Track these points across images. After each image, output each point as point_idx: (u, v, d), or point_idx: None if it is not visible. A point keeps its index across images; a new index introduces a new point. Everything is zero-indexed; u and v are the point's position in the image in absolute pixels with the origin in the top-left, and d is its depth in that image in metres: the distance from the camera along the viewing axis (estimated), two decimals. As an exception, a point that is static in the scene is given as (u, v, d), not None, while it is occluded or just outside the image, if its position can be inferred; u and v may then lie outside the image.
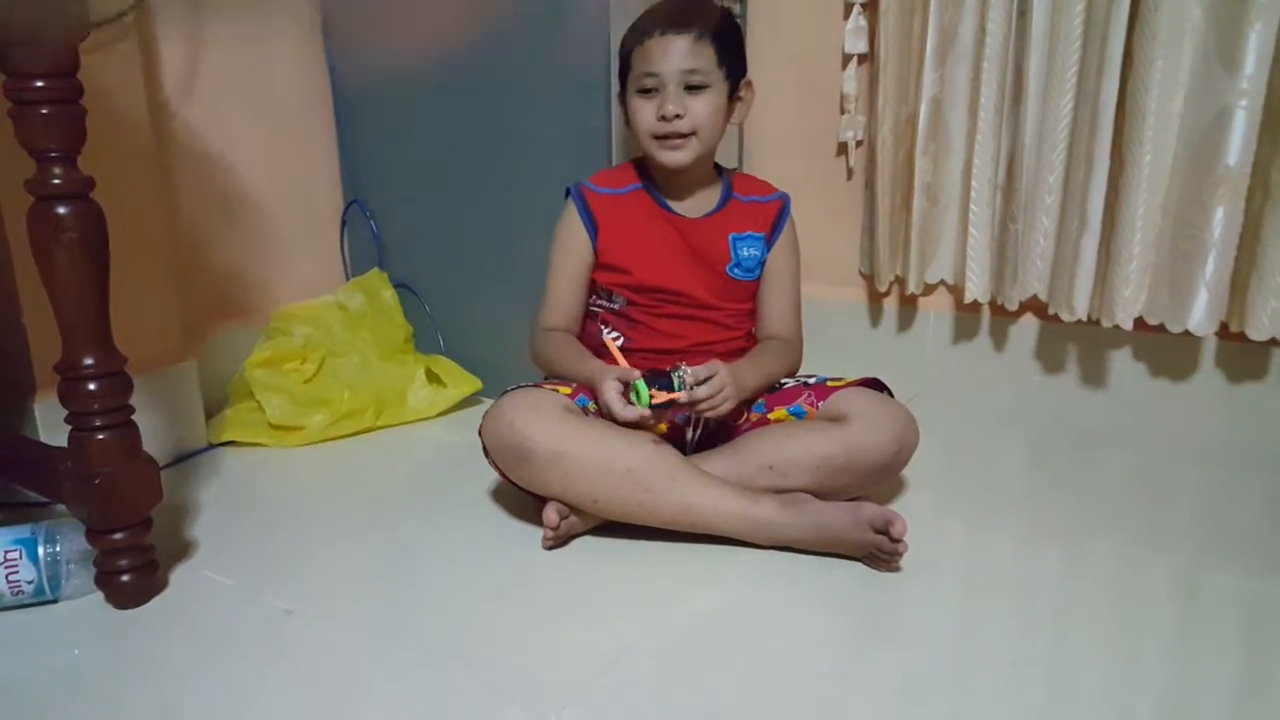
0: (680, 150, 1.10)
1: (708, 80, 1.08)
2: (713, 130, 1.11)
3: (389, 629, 0.90)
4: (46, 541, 0.92)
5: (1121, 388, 1.44)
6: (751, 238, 1.18)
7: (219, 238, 1.46)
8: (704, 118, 1.09)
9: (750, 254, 1.17)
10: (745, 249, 1.17)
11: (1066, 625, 0.90)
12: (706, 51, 1.07)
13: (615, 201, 1.15)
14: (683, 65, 1.07)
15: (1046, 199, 1.38)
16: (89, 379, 0.87)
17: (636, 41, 1.10)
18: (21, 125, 0.83)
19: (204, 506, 1.17)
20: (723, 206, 1.18)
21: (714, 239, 1.16)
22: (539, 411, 1.02)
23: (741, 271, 1.17)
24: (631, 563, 1.01)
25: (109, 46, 1.17)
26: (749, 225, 1.18)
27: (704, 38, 1.07)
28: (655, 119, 1.08)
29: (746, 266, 1.17)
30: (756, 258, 1.18)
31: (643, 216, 1.15)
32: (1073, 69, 1.32)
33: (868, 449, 1.04)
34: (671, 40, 1.07)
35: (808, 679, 0.82)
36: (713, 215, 1.17)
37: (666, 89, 1.07)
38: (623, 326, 1.17)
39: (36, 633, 0.90)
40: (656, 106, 1.08)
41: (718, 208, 1.17)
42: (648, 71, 1.08)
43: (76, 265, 0.85)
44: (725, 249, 1.16)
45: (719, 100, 1.10)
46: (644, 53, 1.08)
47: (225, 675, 0.84)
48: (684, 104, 1.08)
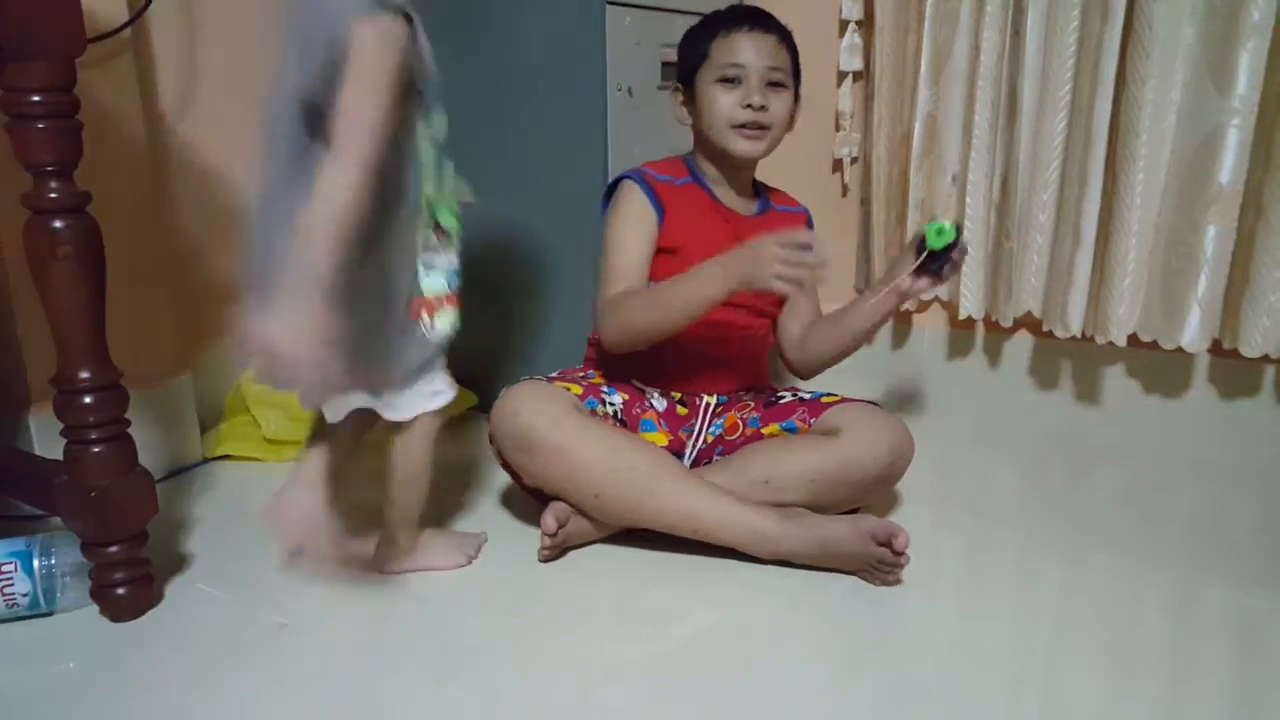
0: (758, 141, 1.12)
1: (786, 81, 1.12)
2: (782, 130, 1.14)
3: (384, 642, 0.90)
4: (41, 554, 0.92)
5: (1115, 404, 1.44)
6: None
7: (215, 251, 1.46)
8: (780, 115, 1.12)
9: None
10: None
11: (1062, 639, 0.90)
12: (785, 56, 1.12)
13: (673, 189, 1.15)
14: (769, 62, 1.10)
15: (1040, 216, 1.39)
16: (84, 392, 0.87)
17: (719, 32, 1.11)
18: (18, 139, 0.83)
19: (199, 520, 1.16)
20: (764, 210, 1.21)
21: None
22: (545, 404, 1.02)
23: None
24: (628, 576, 1.01)
25: (106, 61, 1.18)
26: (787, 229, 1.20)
27: (784, 43, 1.12)
28: (739, 107, 1.10)
29: None
30: None
31: (698, 207, 1.16)
32: (1066, 87, 1.33)
33: (861, 462, 1.04)
34: (760, 37, 1.10)
35: (805, 693, 0.82)
36: (760, 215, 1.20)
37: (750, 81, 1.09)
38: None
39: (31, 645, 0.90)
40: (741, 96, 1.10)
41: (760, 209, 1.21)
42: (733, 62, 1.10)
43: (72, 279, 0.85)
44: None
45: (791, 103, 1.14)
46: (729, 44, 1.10)
47: (220, 688, 0.83)
48: (767, 97, 1.10)
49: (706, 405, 1.18)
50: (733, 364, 1.19)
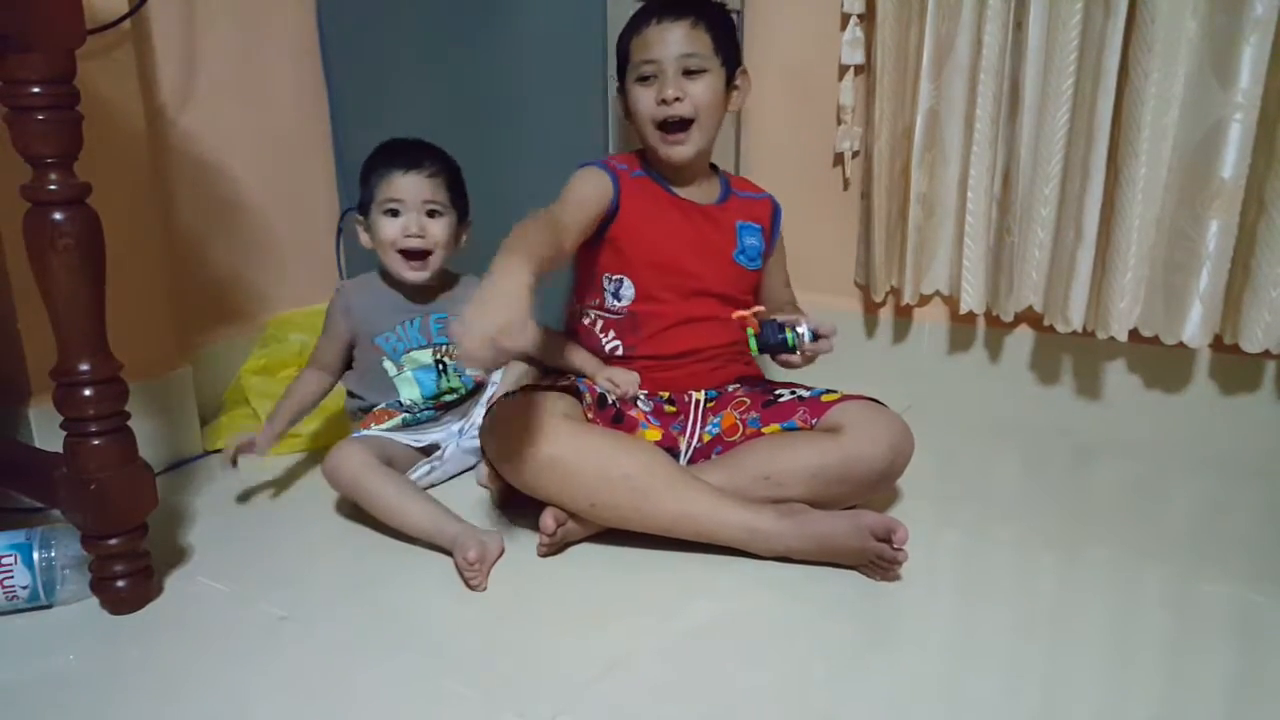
0: (683, 144, 1.12)
1: (705, 65, 1.11)
2: (712, 116, 1.13)
3: (384, 635, 0.90)
4: (41, 547, 0.92)
5: (1116, 399, 1.44)
6: (753, 228, 1.23)
7: (215, 244, 1.46)
8: (703, 101, 1.11)
9: (752, 243, 1.22)
10: (749, 238, 1.21)
11: (1062, 634, 0.90)
12: (703, 38, 1.10)
13: (631, 179, 1.18)
14: (680, 50, 1.09)
15: (1042, 211, 1.38)
16: (84, 385, 0.87)
17: (634, 32, 1.13)
18: (18, 131, 0.83)
19: (199, 513, 1.16)
20: (725, 198, 1.22)
21: (721, 225, 1.20)
22: (535, 416, 1.01)
23: (746, 259, 1.21)
24: (627, 570, 1.01)
25: (106, 53, 1.17)
26: (750, 216, 1.23)
27: (700, 24, 1.10)
28: (655, 103, 1.10)
29: (750, 255, 1.21)
30: (757, 248, 1.22)
31: (655, 199, 1.18)
32: (1069, 81, 1.33)
33: (862, 459, 1.04)
34: (668, 27, 1.10)
35: (804, 687, 0.82)
36: (719, 204, 1.21)
37: (665, 74, 1.10)
38: (626, 332, 1.18)
39: (31, 638, 0.90)
40: (656, 91, 1.10)
41: (721, 198, 1.22)
42: (646, 59, 1.10)
43: (72, 271, 0.85)
44: (732, 235, 1.20)
45: (717, 85, 1.12)
46: (642, 41, 1.11)
47: (220, 681, 0.83)
48: (683, 88, 1.10)
49: (696, 402, 1.18)
50: (715, 357, 1.19)
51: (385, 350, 1.20)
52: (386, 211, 1.18)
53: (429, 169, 1.18)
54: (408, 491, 1.08)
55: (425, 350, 1.21)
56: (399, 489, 1.08)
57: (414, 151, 1.20)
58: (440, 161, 1.20)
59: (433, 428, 1.23)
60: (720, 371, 1.21)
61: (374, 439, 1.16)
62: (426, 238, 1.18)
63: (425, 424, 1.23)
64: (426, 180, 1.18)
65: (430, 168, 1.18)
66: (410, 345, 1.21)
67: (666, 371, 1.18)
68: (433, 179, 1.18)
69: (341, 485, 1.10)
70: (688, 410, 1.18)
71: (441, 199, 1.19)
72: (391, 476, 1.09)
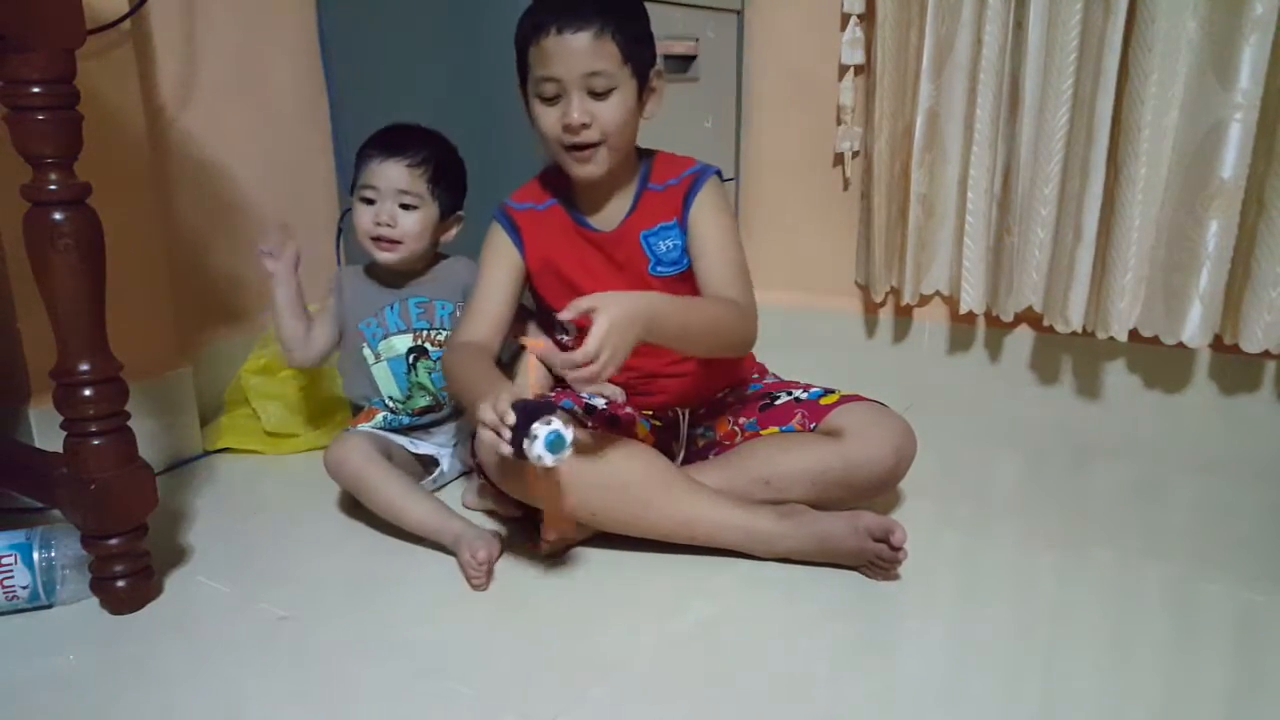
0: (591, 163, 1.02)
1: (613, 82, 0.99)
2: (623, 134, 1.02)
3: (383, 635, 0.90)
4: (41, 547, 0.92)
5: (1116, 399, 1.44)
6: (664, 229, 1.08)
7: (215, 244, 1.46)
8: (613, 123, 1.00)
9: (669, 246, 1.07)
10: (661, 243, 1.08)
11: (1062, 634, 0.90)
12: (609, 49, 0.97)
13: (535, 215, 1.10)
14: (585, 68, 0.97)
15: (1042, 211, 1.38)
16: (85, 385, 0.87)
17: (531, 38, 0.99)
18: (18, 131, 0.83)
19: (199, 513, 1.16)
20: (634, 207, 1.08)
21: (627, 246, 1.08)
22: None
23: (665, 267, 1.08)
24: (627, 571, 1.01)
25: (106, 53, 1.17)
26: (658, 217, 1.08)
27: (605, 33, 0.97)
28: (560, 128, 1.00)
29: (669, 260, 1.08)
30: (678, 247, 1.08)
31: (562, 233, 1.10)
32: (1068, 81, 1.33)
33: (866, 464, 1.03)
34: (569, 40, 0.96)
35: (803, 688, 0.82)
36: (624, 221, 1.08)
37: (569, 95, 0.98)
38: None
39: (31, 638, 0.90)
40: (560, 114, 0.99)
41: (630, 210, 1.08)
42: (546, 76, 0.98)
43: (72, 271, 0.85)
44: (639, 251, 1.08)
45: (627, 100, 1.00)
46: (540, 54, 0.98)
47: (220, 681, 0.83)
48: (590, 110, 0.98)
49: (682, 414, 1.16)
50: (687, 374, 1.12)
51: (366, 336, 1.19)
52: (362, 199, 1.15)
53: (410, 159, 1.13)
54: (410, 489, 1.08)
55: (404, 336, 1.19)
56: (402, 486, 1.07)
57: (401, 138, 1.15)
58: (428, 150, 1.15)
59: (424, 439, 1.21)
60: (700, 385, 1.14)
61: (374, 434, 1.16)
62: (395, 228, 1.14)
63: (415, 431, 1.21)
64: (404, 170, 1.13)
65: (412, 157, 1.13)
66: (390, 331, 1.19)
67: (641, 396, 1.12)
68: (411, 169, 1.13)
69: (344, 478, 1.10)
70: (675, 422, 1.15)
71: (418, 190, 1.14)
72: (394, 473, 1.09)
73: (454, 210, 1.20)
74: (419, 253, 1.18)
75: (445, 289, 1.21)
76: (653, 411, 1.14)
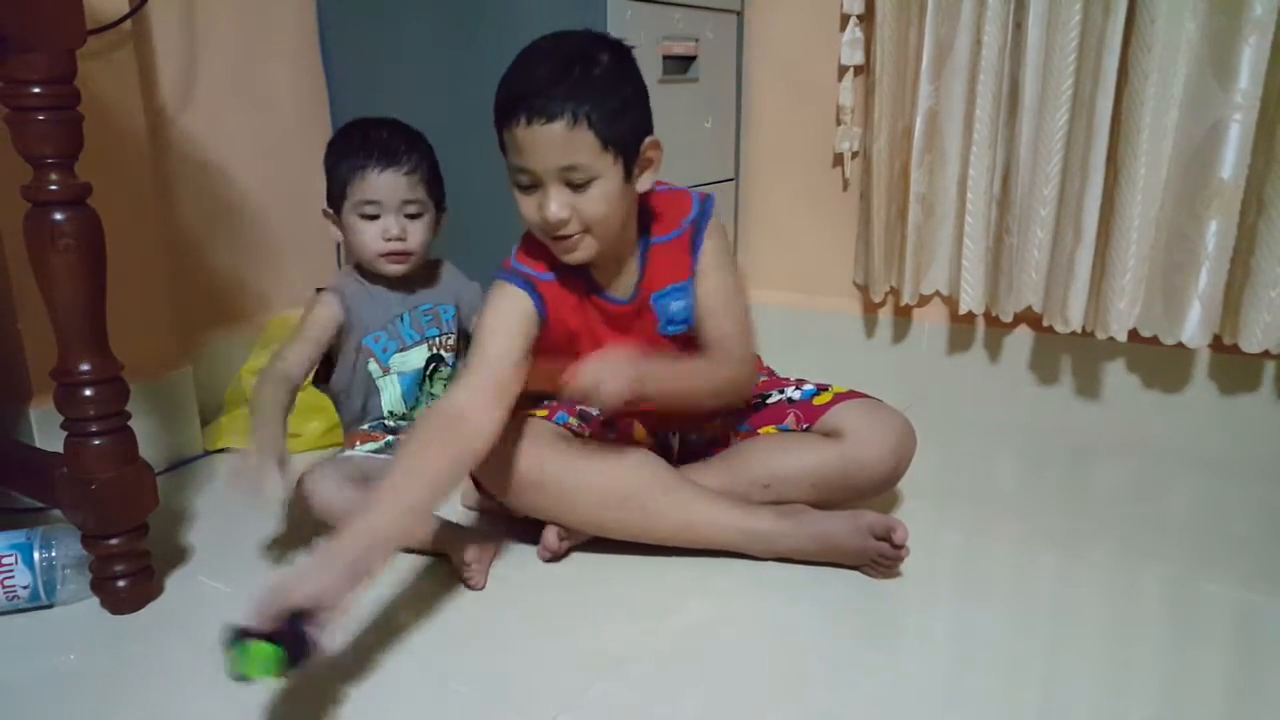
0: (578, 250, 0.95)
1: (592, 173, 0.90)
2: (610, 220, 0.94)
3: (382, 635, 0.90)
4: (42, 547, 0.92)
5: (1116, 399, 1.44)
6: (675, 290, 1.02)
7: (215, 244, 1.46)
8: (595, 215, 0.92)
9: (679, 306, 1.03)
10: (672, 303, 1.03)
11: (1062, 633, 0.90)
12: (584, 140, 0.88)
13: (552, 286, 1.01)
14: (558, 162, 0.89)
15: (1041, 211, 1.38)
16: (85, 385, 0.87)
17: (504, 124, 0.91)
18: (18, 131, 0.83)
19: (199, 513, 1.16)
20: (642, 273, 1.02)
21: (639, 313, 1.04)
22: (529, 440, 0.99)
23: (675, 326, 1.04)
24: (627, 571, 1.01)
25: (106, 53, 1.17)
26: (668, 278, 1.02)
27: (579, 123, 0.87)
28: (539, 219, 0.93)
29: (679, 319, 1.04)
30: (685, 307, 1.03)
31: (573, 308, 1.02)
32: (1068, 81, 1.33)
33: (865, 464, 1.03)
34: (539, 132, 0.87)
35: (803, 687, 0.82)
36: (637, 288, 1.03)
37: (546, 188, 0.91)
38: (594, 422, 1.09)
39: (31, 638, 0.90)
40: (537, 206, 0.92)
41: (639, 276, 1.02)
42: (520, 166, 0.91)
43: (73, 271, 0.85)
44: (650, 316, 1.04)
45: (612, 188, 0.91)
46: (512, 143, 0.91)
47: (220, 681, 0.83)
48: (568, 202, 0.90)
49: (674, 436, 1.14)
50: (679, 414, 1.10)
51: (374, 351, 1.14)
52: (363, 215, 1.10)
53: (406, 165, 1.09)
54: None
55: (420, 348, 1.16)
56: None
57: (389, 144, 1.09)
58: (416, 152, 1.11)
59: None
60: (694, 416, 1.11)
61: (352, 460, 1.10)
62: (408, 240, 1.11)
63: None
64: (404, 179, 1.09)
65: (408, 164, 1.10)
66: (404, 344, 1.16)
67: (642, 417, 1.10)
68: (410, 176, 1.10)
69: (316, 514, 1.03)
70: (667, 441, 1.14)
71: (420, 196, 1.11)
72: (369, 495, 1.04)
73: (442, 206, 1.18)
74: (425, 257, 1.17)
75: (444, 293, 1.21)
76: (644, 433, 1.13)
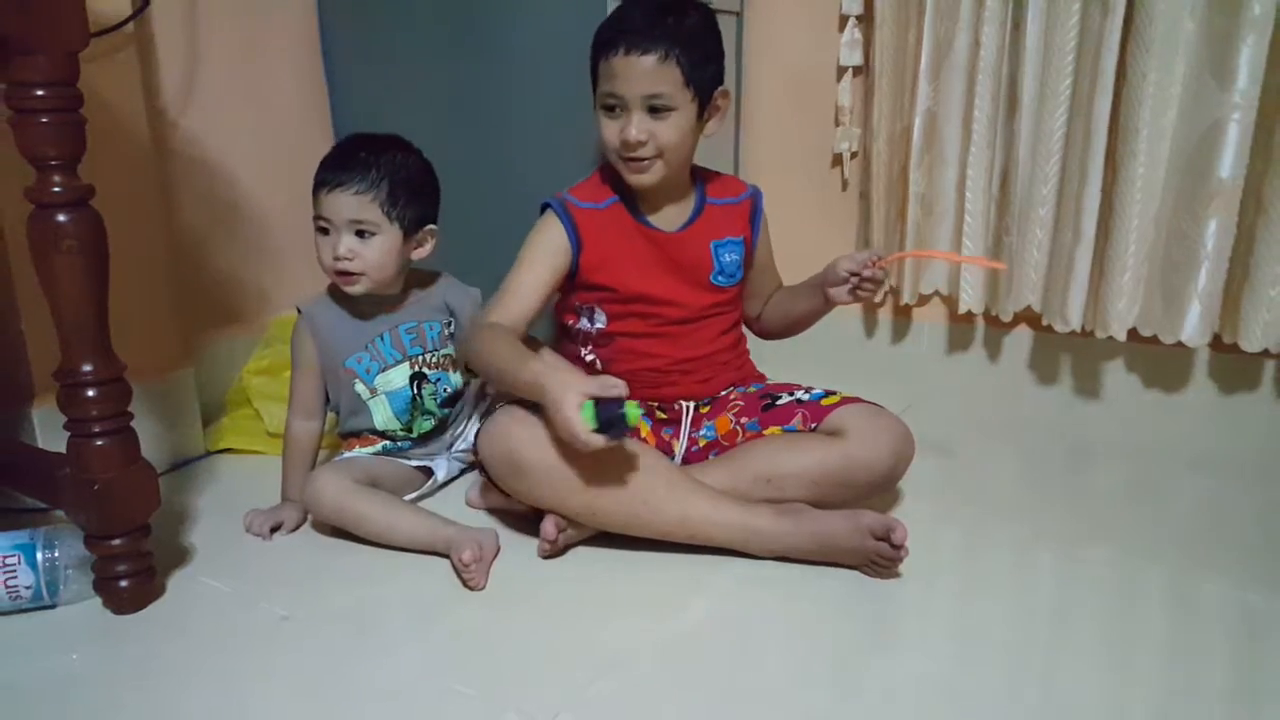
0: (646, 173, 1.07)
1: (673, 103, 1.03)
2: (679, 151, 1.07)
3: (385, 634, 0.91)
4: (45, 547, 0.93)
5: (1115, 398, 1.45)
6: (732, 243, 1.16)
7: (217, 245, 1.47)
8: (669, 141, 1.05)
9: (731, 259, 1.16)
10: (727, 254, 1.15)
11: (1060, 632, 0.90)
12: (672, 74, 1.02)
13: (596, 215, 1.12)
14: (645, 90, 1.02)
15: (1040, 211, 1.39)
16: (88, 386, 0.88)
17: (602, 55, 1.05)
18: (22, 133, 0.83)
19: (201, 513, 1.17)
20: (698, 214, 1.15)
21: (695, 249, 1.14)
22: (532, 426, 1.00)
23: (725, 278, 1.16)
24: (626, 570, 1.02)
25: (109, 55, 1.18)
26: (728, 230, 1.16)
27: (670, 58, 1.01)
28: (618, 141, 1.05)
29: (729, 272, 1.16)
30: (736, 262, 1.16)
31: (623, 232, 1.12)
32: (1067, 81, 1.33)
33: (864, 463, 1.04)
34: (634, 62, 1.01)
35: (802, 686, 0.82)
36: (690, 225, 1.14)
37: (629, 112, 1.04)
38: (602, 349, 1.16)
39: (34, 637, 0.91)
40: (619, 128, 1.05)
41: (694, 216, 1.15)
42: (609, 92, 1.04)
43: (76, 273, 0.86)
44: (708, 258, 1.14)
45: (686, 121, 1.05)
46: (608, 70, 1.04)
47: (222, 680, 0.84)
48: (647, 127, 1.04)
49: (687, 409, 1.17)
50: (697, 370, 1.16)
51: (358, 372, 1.14)
52: (318, 229, 1.10)
53: (356, 185, 1.07)
54: (394, 507, 1.07)
55: (401, 366, 1.16)
56: (385, 507, 1.06)
57: (345, 163, 1.09)
58: (376, 172, 1.08)
59: (418, 452, 1.20)
60: (709, 381, 1.17)
61: (356, 461, 1.14)
62: (355, 260, 1.08)
63: (408, 451, 1.20)
64: (352, 199, 1.07)
65: (358, 184, 1.07)
66: (385, 363, 1.15)
67: (649, 388, 1.14)
68: (359, 196, 1.07)
69: (324, 515, 1.07)
70: (679, 417, 1.16)
71: (372, 217, 1.08)
72: (375, 496, 1.07)
73: (422, 224, 1.13)
74: (388, 279, 1.12)
75: (430, 309, 1.19)
76: (659, 403, 1.16)
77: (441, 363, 1.19)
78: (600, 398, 0.92)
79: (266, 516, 1.11)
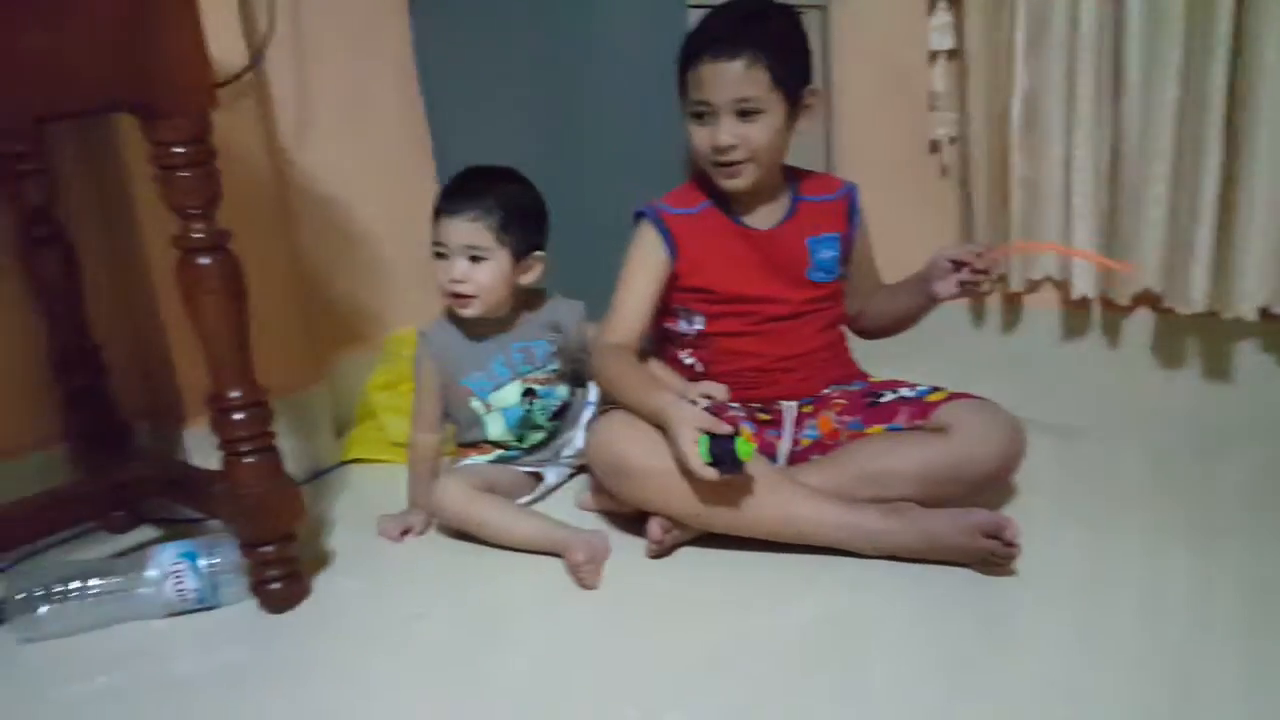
0: (738, 177, 1.09)
1: (761, 106, 1.06)
2: (770, 153, 1.09)
3: (508, 631, 0.96)
4: (206, 554, 1.03)
5: (1247, 381, 1.36)
6: (828, 239, 1.17)
7: (338, 273, 1.56)
8: (760, 144, 1.07)
9: (828, 255, 1.17)
10: (824, 251, 1.17)
11: (1193, 633, 0.87)
12: (759, 77, 1.04)
13: (690, 221, 1.15)
14: (734, 94, 1.05)
15: (1154, 189, 1.32)
16: (236, 409, 0.97)
17: (689, 63, 1.08)
18: (165, 187, 0.92)
19: (338, 519, 1.25)
20: (793, 212, 1.17)
21: (790, 247, 1.16)
22: (636, 430, 1.04)
23: (822, 274, 1.17)
24: (733, 569, 1.03)
25: (232, 104, 1.27)
26: (824, 227, 1.17)
27: (757, 63, 1.04)
28: (709, 147, 1.08)
29: (826, 268, 1.17)
30: (833, 258, 1.17)
31: (718, 233, 1.15)
32: (1176, 52, 1.26)
33: (972, 459, 1.02)
34: (722, 68, 1.04)
35: (915, 686, 0.82)
36: (785, 223, 1.16)
37: (719, 117, 1.06)
38: (702, 352, 1.18)
39: (203, 635, 1.01)
40: (710, 134, 1.07)
41: (788, 214, 1.17)
42: (698, 99, 1.07)
43: (220, 310, 0.94)
44: (804, 254, 1.16)
45: (775, 122, 1.07)
46: (696, 78, 1.07)
47: (364, 673, 0.91)
48: (738, 131, 1.06)
49: (789, 410, 1.17)
50: (799, 368, 1.17)
51: (473, 390, 1.21)
52: (436, 254, 1.18)
53: (470, 213, 1.14)
54: (511, 512, 1.14)
55: (513, 384, 1.21)
56: (502, 512, 1.13)
57: (463, 191, 1.17)
58: (489, 200, 1.15)
59: (529, 460, 1.26)
60: (810, 380, 1.18)
61: (474, 468, 1.21)
62: (468, 283, 1.15)
63: (520, 459, 1.26)
64: (467, 225, 1.14)
65: (472, 211, 1.14)
66: (499, 381, 1.21)
67: (750, 389, 1.16)
68: (474, 223, 1.14)
69: (448, 519, 1.15)
70: (782, 418, 1.17)
71: (484, 242, 1.15)
72: (493, 502, 1.13)
73: (530, 250, 1.19)
74: (499, 301, 1.19)
75: (539, 328, 1.24)
76: (761, 404, 1.17)
77: (550, 379, 1.25)
78: (714, 433, 0.96)
79: (396, 521, 1.19)
